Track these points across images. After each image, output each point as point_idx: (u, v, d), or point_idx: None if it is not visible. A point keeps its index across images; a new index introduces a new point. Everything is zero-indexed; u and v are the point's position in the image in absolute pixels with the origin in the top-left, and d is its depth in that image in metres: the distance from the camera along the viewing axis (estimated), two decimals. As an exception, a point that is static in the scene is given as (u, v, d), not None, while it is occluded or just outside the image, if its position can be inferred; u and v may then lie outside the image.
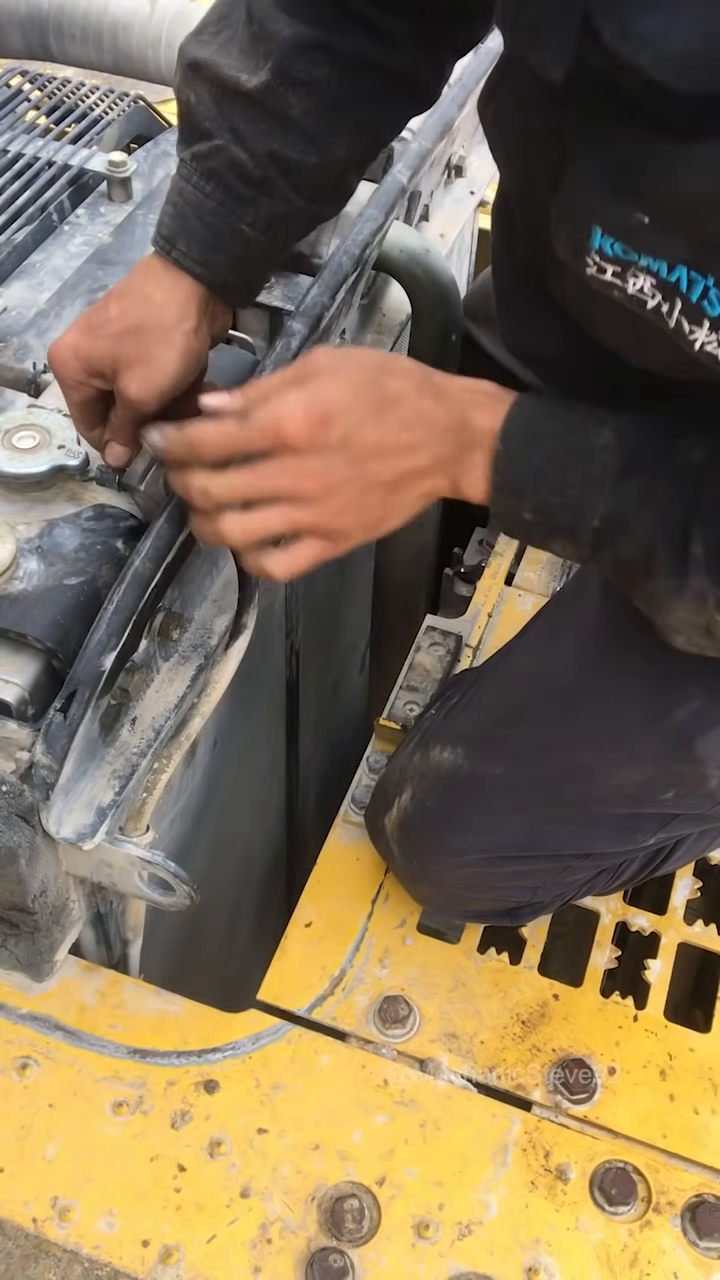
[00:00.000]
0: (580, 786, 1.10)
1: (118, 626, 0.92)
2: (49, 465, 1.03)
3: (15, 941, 1.07)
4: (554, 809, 1.12)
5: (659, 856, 1.24)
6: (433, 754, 1.17)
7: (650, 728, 1.04)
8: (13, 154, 1.49)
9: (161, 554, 0.95)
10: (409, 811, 1.18)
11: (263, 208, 0.98)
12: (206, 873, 1.42)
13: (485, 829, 1.14)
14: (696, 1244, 1.04)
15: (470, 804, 1.14)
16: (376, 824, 1.24)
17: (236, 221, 0.98)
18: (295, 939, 1.21)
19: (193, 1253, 1.00)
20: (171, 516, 0.97)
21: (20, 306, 1.29)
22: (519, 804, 1.12)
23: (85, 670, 0.91)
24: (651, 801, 1.09)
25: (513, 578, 1.58)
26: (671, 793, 1.08)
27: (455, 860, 1.15)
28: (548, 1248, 1.03)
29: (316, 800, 1.89)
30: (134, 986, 1.14)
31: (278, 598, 1.42)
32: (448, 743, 1.17)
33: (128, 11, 1.65)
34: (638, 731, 1.05)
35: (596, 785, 1.09)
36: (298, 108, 0.96)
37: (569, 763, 1.09)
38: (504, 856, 1.14)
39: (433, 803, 1.16)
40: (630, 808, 1.10)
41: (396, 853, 1.21)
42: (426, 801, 1.16)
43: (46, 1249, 1.00)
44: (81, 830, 0.94)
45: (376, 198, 1.26)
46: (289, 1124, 1.07)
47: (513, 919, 1.23)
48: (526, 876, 1.17)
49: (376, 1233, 1.02)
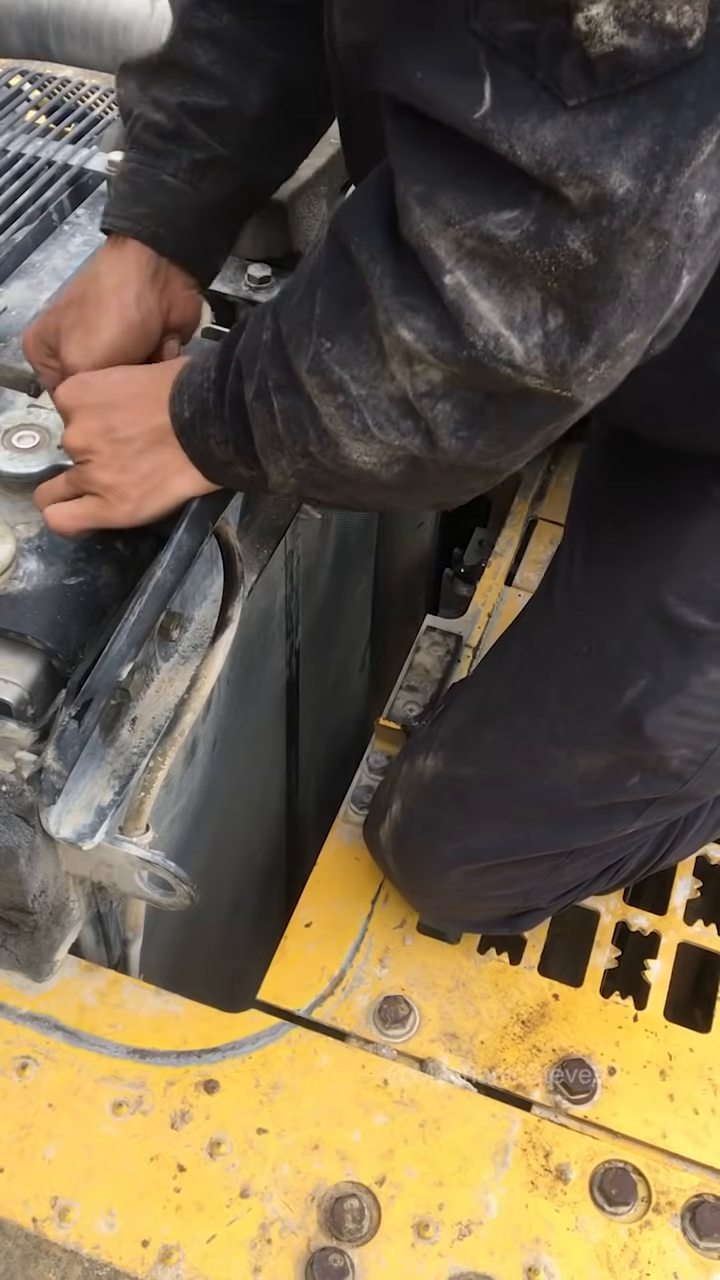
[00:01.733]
0: (548, 780, 1.10)
1: (139, 637, 0.93)
2: (49, 465, 1.03)
3: (15, 941, 1.07)
4: (527, 807, 1.12)
5: (659, 851, 1.24)
6: (418, 763, 1.18)
7: (601, 713, 1.05)
8: (13, 154, 1.49)
9: (184, 564, 0.96)
10: (399, 821, 1.19)
11: (183, 158, 1.01)
12: (206, 873, 1.41)
13: (466, 833, 1.14)
14: (696, 1244, 1.04)
15: (452, 809, 1.15)
16: (373, 837, 1.25)
17: (157, 174, 1.01)
18: (295, 939, 1.21)
19: (193, 1253, 1.00)
20: (191, 526, 0.97)
21: (20, 306, 1.29)
22: (494, 805, 1.13)
23: (103, 679, 0.92)
24: (619, 789, 1.09)
25: (513, 578, 1.58)
26: (636, 778, 1.08)
27: (445, 870, 1.16)
28: (548, 1248, 1.03)
29: (316, 800, 1.88)
30: (134, 986, 1.14)
31: (278, 598, 1.42)
32: (430, 750, 1.18)
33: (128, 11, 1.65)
34: (592, 718, 1.06)
35: (562, 776, 1.09)
36: (203, 58, 1.00)
37: (532, 756, 1.10)
38: (490, 865, 1.14)
39: (419, 811, 1.17)
40: (600, 798, 1.10)
41: (392, 865, 1.22)
42: (414, 810, 1.17)
43: (46, 1249, 0.99)
44: (81, 830, 0.94)
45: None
46: (289, 1124, 1.07)
47: (512, 927, 1.23)
48: (516, 882, 1.17)
49: (376, 1233, 1.02)
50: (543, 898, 1.20)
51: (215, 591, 1.12)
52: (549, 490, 1.68)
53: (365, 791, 1.33)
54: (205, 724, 1.25)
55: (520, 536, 1.63)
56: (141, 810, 0.99)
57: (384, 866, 1.25)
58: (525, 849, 1.13)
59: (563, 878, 1.19)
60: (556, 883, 1.19)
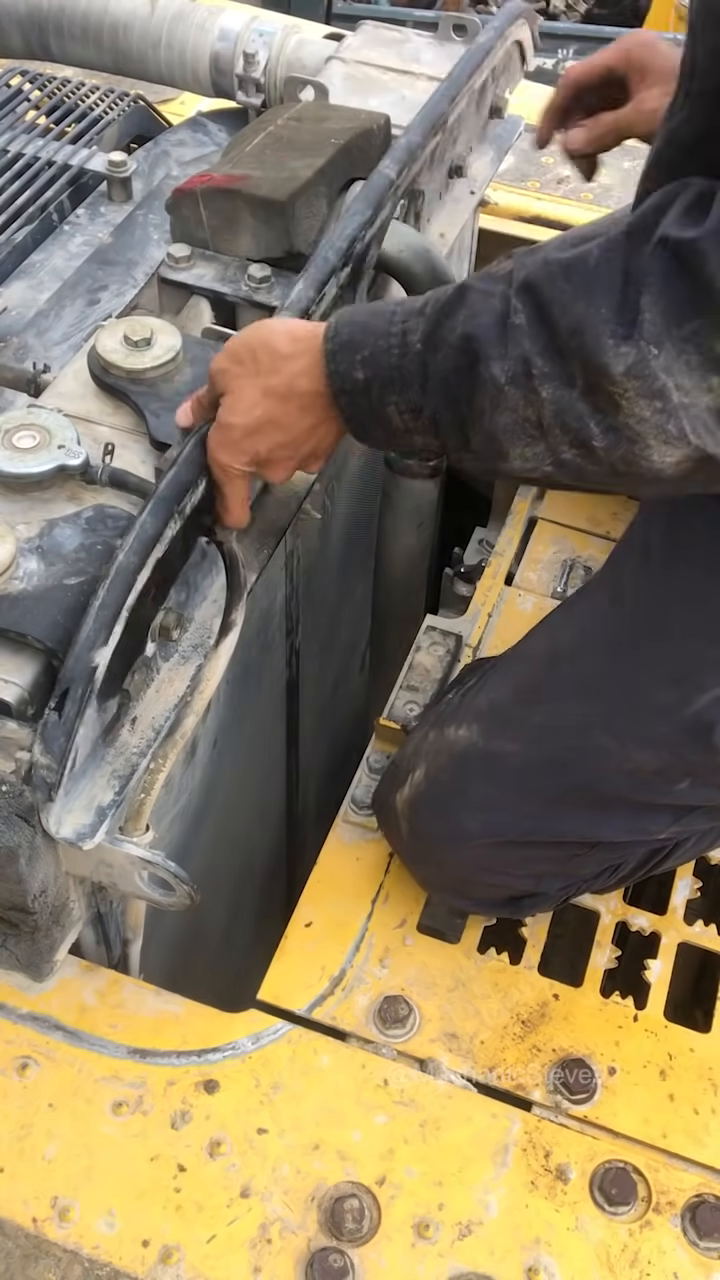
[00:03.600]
0: (595, 769, 1.10)
1: (106, 621, 0.92)
2: (49, 465, 1.02)
3: (15, 941, 1.07)
4: (566, 791, 1.12)
5: (659, 853, 1.24)
6: (448, 732, 1.18)
7: (670, 714, 1.05)
8: (13, 154, 1.49)
9: (147, 547, 0.95)
10: (421, 788, 1.18)
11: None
12: (206, 872, 1.42)
13: (496, 808, 1.14)
14: (696, 1244, 1.04)
15: (483, 781, 1.14)
16: (386, 802, 1.24)
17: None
18: (295, 939, 1.21)
19: (193, 1253, 1.00)
20: (155, 510, 0.96)
21: (20, 306, 1.29)
22: (532, 784, 1.13)
23: (75, 667, 0.91)
24: (666, 791, 1.09)
25: (513, 577, 1.58)
26: (686, 782, 1.08)
27: (464, 840, 1.15)
28: (548, 1248, 1.03)
29: (316, 800, 1.88)
30: (134, 986, 1.14)
31: (278, 598, 1.42)
32: (464, 721, 1.17)
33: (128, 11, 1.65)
34: (656, 717, 1.05)
35: (611, 768, 1.09)
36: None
37: (585, 744, 1.10)
38: (512, 841, 1.14)
39: (445, 779, 1.16)
40: (645, 795, 1.10)
41: (405, 830, 1.21)
42: (440, 778, 1.17)
43: (46, 1249, 0.99)
44: (81, 830, 0.94)
45: (364, 193, 1.26)
46: (289, 1124, 1.07)
47: (514, 909, 1.23)
48: (533, 863, 1.17)
49: (376, 1233, 1.02)
50: (552, 884, 1.20)
51: (215, 591, 1.12)
52: (549, 490, 1.68)
53: (365, 792, 1.33)
54: (205, 724, 1.25)
55: (520, 536, 1.63)
56: (141, 810, 0.99)
57: (394, 833, 1.24)
58: (553, 832, 1.14)
59: (580, 869, 1.19)
60: (572, 872, 1.19)
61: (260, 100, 1.65)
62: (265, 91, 1.64)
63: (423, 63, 1.63)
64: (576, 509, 1.65)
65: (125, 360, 1.13)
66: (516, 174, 2.20)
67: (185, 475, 0.99)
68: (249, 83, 1.63)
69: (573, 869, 1.19)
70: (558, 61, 3.98)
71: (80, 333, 1.27)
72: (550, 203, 2.15)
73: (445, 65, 1.61)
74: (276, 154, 1.33)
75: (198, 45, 1.63)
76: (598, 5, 4.95)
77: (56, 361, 1.24)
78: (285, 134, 1.37)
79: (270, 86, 1.64)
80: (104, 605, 0.92)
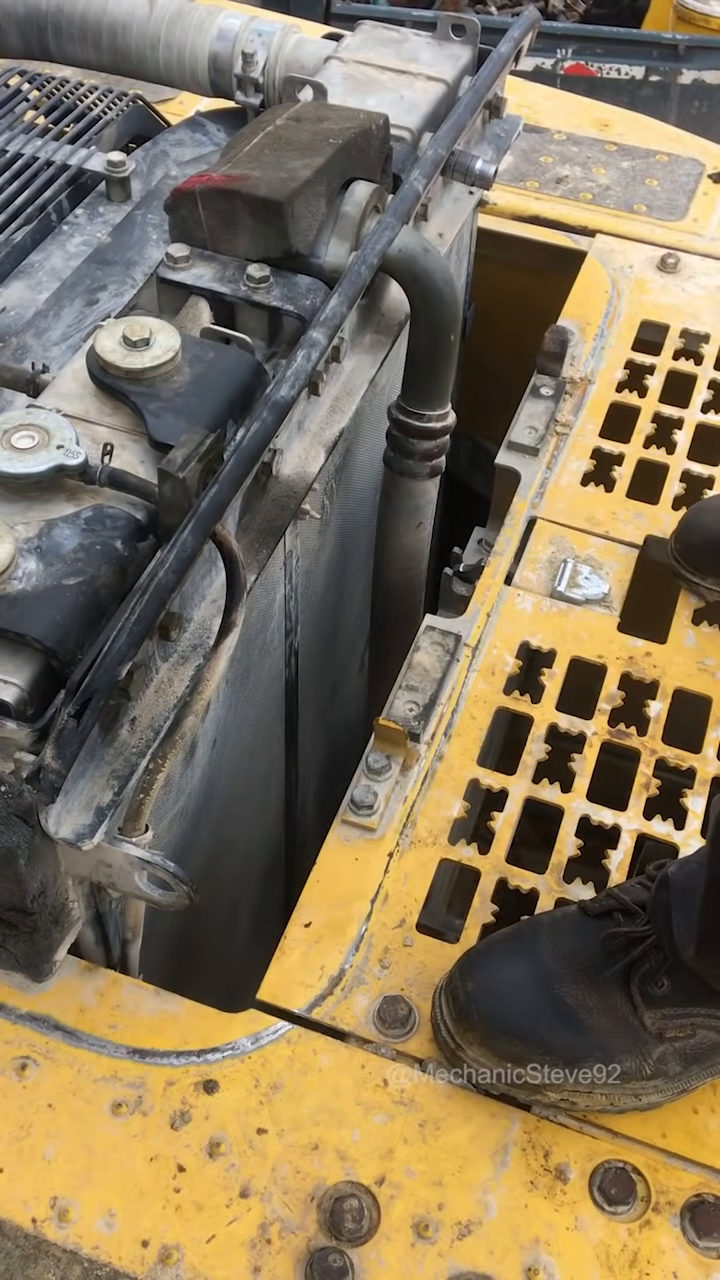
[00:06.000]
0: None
1: (138, 637, 0.93)
2: (48, 465, 1.03)
3: (15, 942, 1.07)
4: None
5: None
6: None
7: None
8: (11, 154, 1.49)
9: (185, 565, 0.96)
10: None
11: None
12: (206, 872, 1.42)
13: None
14: (696, 1244, 1.04)
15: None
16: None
17: None
18: (295, 939, 1.21)
19: (192, 1253, 1.00)
20: (196, 528, 0.97)
21: (19, 306, 1.29)
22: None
23: (102, 679, 0.92)
24: None
25: (512, 577, 1.58)
26: None
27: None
28: (547, 1248, 1.03)
29: (316, 800, 1.89)
30: (133, 986, 1.14)
31: (277, 597, 1.42)
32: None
33: (126, 11, 1.65)
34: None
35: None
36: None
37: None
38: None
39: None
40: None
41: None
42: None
43: (46, 1249, 0.99)
44: (80, 830, 0.94)
45: (393, 206, 1.26)
46: (288, 1124, 1.07)
47: None
48: None
49: (376, 1232, 1.02)
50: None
51: (214, 592, 1.12)
52: (549, 490, 1.68)
53: (364, 792, 1.32)
54: (205, 724, 1.25)
55: (520, 536, 1.63)
56: (141, 810, 0.99)
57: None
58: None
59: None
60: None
61: (259, 100, 1.65)
62: (264, 91, 1.64)
63: (421, 62, 1.63)
64: (576, 509, 1.65)
65: (124, 360, 1.13)
66: (515, 174, 2.20)
67: (224, 495, 1.00)
68: (247, 83, 1.63)
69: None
70: (557, 61, 3.98)
71: (79, 333, 1.27)
72: (549, 202, 2.15)
73: (444, 65, 1.61)
74: (275, 154, 1.33)
75: (196, 45, 1.63)
76: (597, 5, 4.95)
77: (55, 362, 1.24)
78: (284, 134, 1.37)
79: (269, 86, 1.63)
80: (139, 621, 0.93)
